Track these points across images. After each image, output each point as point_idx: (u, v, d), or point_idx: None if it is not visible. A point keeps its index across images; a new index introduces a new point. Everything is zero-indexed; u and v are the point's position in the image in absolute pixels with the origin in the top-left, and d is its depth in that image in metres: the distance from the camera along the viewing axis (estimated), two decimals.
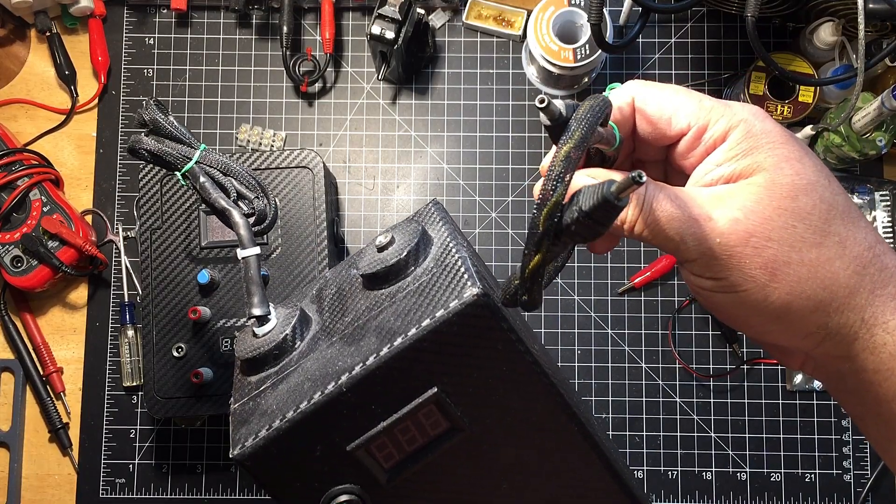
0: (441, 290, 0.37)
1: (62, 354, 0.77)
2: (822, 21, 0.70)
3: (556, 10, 0.73)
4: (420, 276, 0.39)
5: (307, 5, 0.80)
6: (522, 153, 0.79)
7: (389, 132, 0.80)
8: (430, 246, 0.40)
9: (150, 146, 0.49)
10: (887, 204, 0.74)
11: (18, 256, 0.73)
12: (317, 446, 0.37)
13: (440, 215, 0.43)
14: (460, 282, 0.36)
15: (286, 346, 0.41)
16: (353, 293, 0.42)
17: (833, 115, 0.72)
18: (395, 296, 0.39)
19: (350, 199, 0.79)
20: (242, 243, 0.45)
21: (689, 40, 0.80)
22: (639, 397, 0.76)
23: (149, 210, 0.71)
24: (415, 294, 0.38)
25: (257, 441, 0.36)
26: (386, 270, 0.39)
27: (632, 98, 0.37)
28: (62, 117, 0.80)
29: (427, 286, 0.38)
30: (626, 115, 0.37)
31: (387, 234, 0.41)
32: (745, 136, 0.34)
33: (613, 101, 0.36)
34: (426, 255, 0.40)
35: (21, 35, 0.81)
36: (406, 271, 0.39)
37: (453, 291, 0.36)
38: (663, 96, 0.36)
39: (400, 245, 0.40)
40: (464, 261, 0.37)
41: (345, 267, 0.45)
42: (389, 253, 0.40)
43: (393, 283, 0.40)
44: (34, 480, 0.76)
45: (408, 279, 0.39)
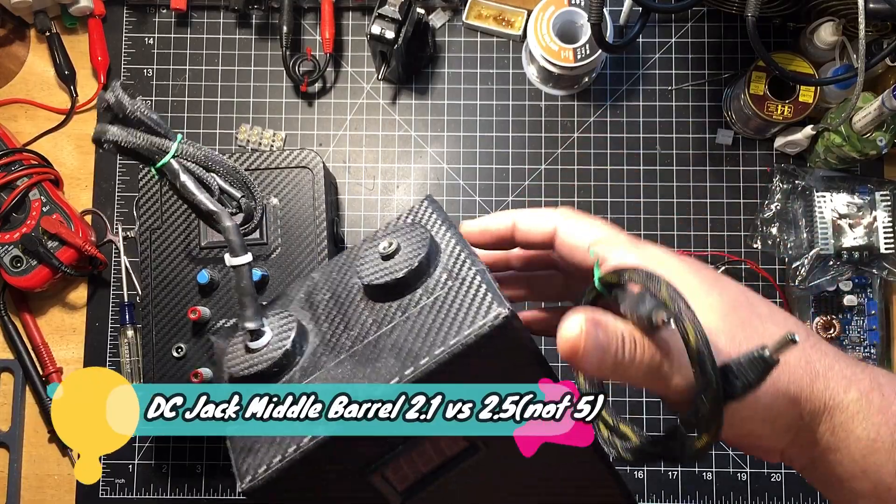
0: (463, 307, 0.34)
1: (62, 354, 0.77)
2: (823, 21, 0.70)
3: (556, 10, 0.73)
4: (434, 289, 0.36)
5: (307, 5, 0.80)
6: (522, 153, 0.79)
7: (389, 132, 0.80)
8: (439, 254, 0.38)
9: (116, 136, 0.40)
10: (888, 204, 0.74)
11: (18, 256, 0.73)
12: (331, 474, 0.35)
13: (438, 215, 0.41)
14: (484, 300, 0.34)
15: (286, 363, 0.38)
16: (353, 302, 0.39)
17: (833, 115, 0.72)
18: (406, 310, 0.36)
19: (350, 199, 0.79)
20: (233, 250, 0.40)
21: (689, 40, 0.80)
22: (639, 397, 0.76)
23: (148, 210, 0.71)
24: (431, 310, 0.35)
25: (269, 473, 0.33)
26: (395, 282, 0.37)
27: (554, 228, 0.39)
28: (62, 117, 0.80)
29: (445, 302, 0.35)
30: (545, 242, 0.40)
31: (390, 239, 0.38)
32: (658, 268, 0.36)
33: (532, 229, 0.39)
34: (436, 265, 0.38)
35: (21, 35, 0.81)
36: (416, 283, 0.37)
37: (479, 310, 0.34)
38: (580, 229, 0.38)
39: (408, 254, 0.37)
40: (482, 275, 0.35)
41: (336, 270, 0.42)
42: (398, 263, 0.37)
43: (402, 296, 0.37)
44: (34, 480, 0.76)
45: (418, 291, 0.37)
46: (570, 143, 0.79)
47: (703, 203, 0.78)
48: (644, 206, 0.78)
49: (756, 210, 0.77)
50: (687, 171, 0.78)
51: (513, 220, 0.40)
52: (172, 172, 0.41)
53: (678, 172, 0.78)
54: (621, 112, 0.79)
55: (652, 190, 0.78)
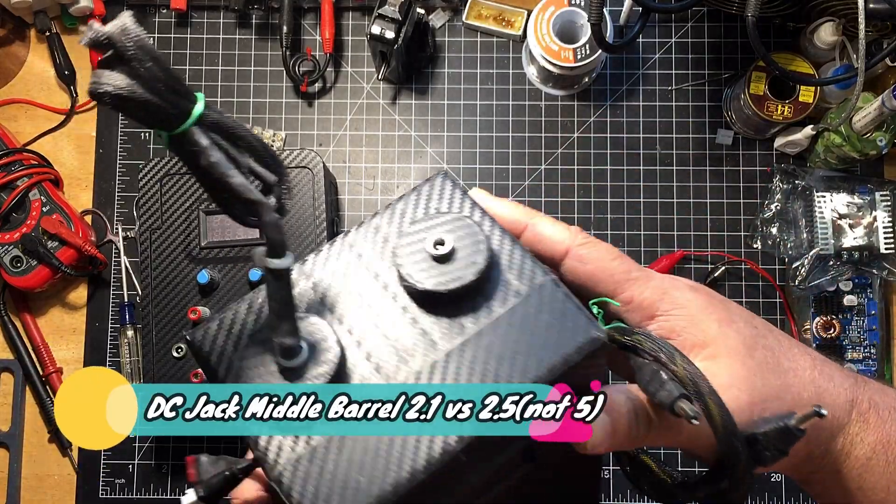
0: (550, 322, 0.31)
1: (62, 354, 0.77)
2: (823, 21, 0.70)
3: (556, 10, 0.73)
4: (507, 297, 0.32)
5: (307, 5, 0.80)
6: (522, 153, 0.79)
7: (389, 132, 0.80)
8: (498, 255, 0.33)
9: (121, 85, 0.27)
10: (888, 204, 0.74)
11: (18, 256, 0.73)
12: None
13: (468, 201, 0.35)
14: (572, 314, 0.31)
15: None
16: (392, 310, 0.33)
17: (833, 115, 0.72)
18: (478, 320, 0.32)
19: (350, 199, 0.79)
20: (274, 250, 0.30)
21: (689, 40, 0.80)
22: None
23: (148, 210, 0.71)
24: (512, 325, 0.31)
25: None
26: (463, 290, 0.32)
27: (566, 250, 0.37)
28: (62, 117, 0.80)
29: (525, 315, 0.31)
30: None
31: (441, 237, 0.32)
32: (673, 307, 0.36)
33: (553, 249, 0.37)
34: (497, 267, 0.33)
35: (21, 35, 0.81)
36: (481, 288, 0.32)
37: (572, 325, 0.31)
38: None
39: (468, 255, 0.32)
40: (556, 283, 0.32)
41: (353, 268, 0.34)
42: (460, 268, 0.32)
43: (464, 304, 0.32)
44: (34, 481, 0.76)
45: (494, 302, 0.32)
46: (570, 143, 0.79)
47: (703, 203, 0.78)
48: (644, 206, 0.78)
49: (756, 210, 0.77)
50: (687, 171, 0.78)
51: (530, 222, 0.37)
52: (193, 142, 0.28)
53: (678, 172, 0.78)
54: (621, 112, 0.79)
55: (652, 190, 0.78)
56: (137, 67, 0.27)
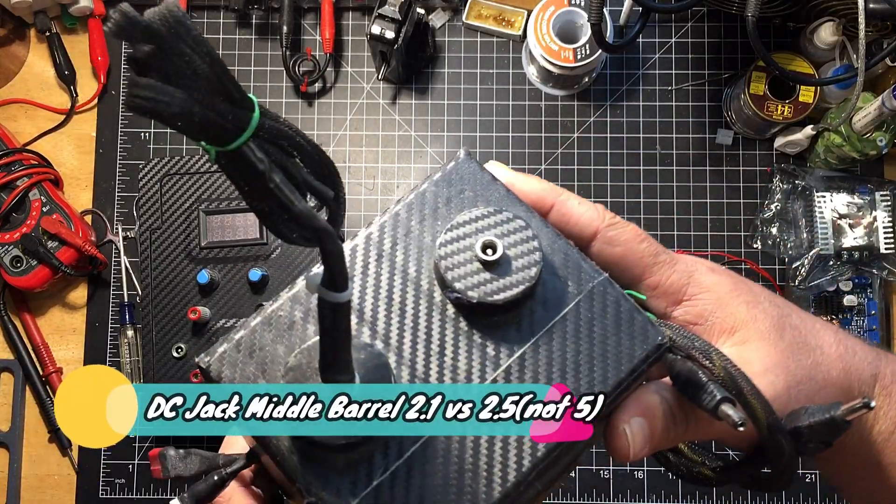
0: (609, 328, 0.30)
1: (62, 354, 0.77)
2: (823, 21, 0.70)
3: (556, 10, 0.73)
4: (561, 301, 0.31)
5: (307, 5, 0.80)
6: (522, 153, 0.79)
7: (389, 132, 0.80)
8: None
9: (177, 100, 0.20)
10: (888, 204, 0.74)
11: (18, 256, 0.73)
12: None
13: (504, 191, 0.33)
14: (633, 318, 0.31)
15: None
16: (441, 324, 0.31)
17: (833, 115, 0.72)
18: (533, 328, 0.30)
19: (350, 199, 0.79)
20: (334, 282, 0.25)
21: (689, 40, 0.80)
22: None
23: (148, 210, 0.71)
24: (570, 334, 0.30)
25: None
26: (518, 298, 0.30)
27: (595, 231, 0.36)
28: (62, 117, 0.80)
29: (583, 320, 0.30)
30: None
31: (491, 240, 0.30)
32: (700, 291, 0.35)
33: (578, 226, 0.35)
34: (549, 268, 0.31)
35: (21, 35, 0.81)
36: (533, 293, 0.31)
37: (635, 331, 0.30)
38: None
39: (520, 260, 0.30)
40: (611, 283, 0.31)
41: (392, 276, 0.32)
42: (513, 273, 0.30)
43: (516, 311, 0.31)
44: (34, 481, 0.76)
45: (548, 306, 0.31)
46: (570, 143, 0.79)
47: (703, 203, 0.78)
48: (644, 206, 0.78)
49: (756, 210, 0.77)
50: (687, 171, 0.78)
51: (557, 200, 0.36)
52: (248, 162, 0.22)
53: (678, 172, 0.78)
54: (621, 112, 0.79)
55: (652, 190, 0.78)
56: (186, 70, 0.20)
